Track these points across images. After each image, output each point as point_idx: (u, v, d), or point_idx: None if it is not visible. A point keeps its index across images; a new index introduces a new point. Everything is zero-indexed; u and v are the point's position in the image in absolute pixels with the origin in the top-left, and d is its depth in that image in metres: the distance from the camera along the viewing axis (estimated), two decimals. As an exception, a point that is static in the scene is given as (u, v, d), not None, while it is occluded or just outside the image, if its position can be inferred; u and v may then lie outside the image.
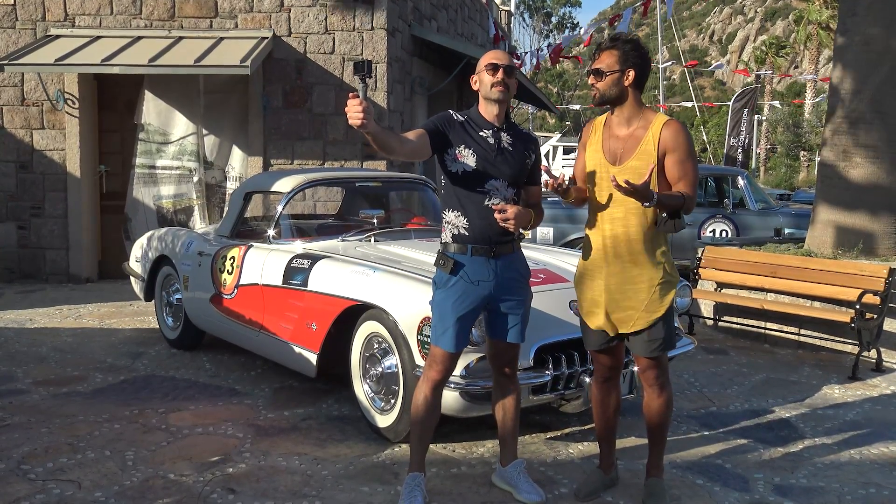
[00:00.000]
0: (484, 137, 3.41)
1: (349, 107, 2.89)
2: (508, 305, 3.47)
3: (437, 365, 3.43)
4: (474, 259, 3.39)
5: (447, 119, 3.44)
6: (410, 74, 10.59)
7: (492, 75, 3.39)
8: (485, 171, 3.38)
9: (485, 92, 3.43)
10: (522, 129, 3.60)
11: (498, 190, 3.41)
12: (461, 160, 3.37)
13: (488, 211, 3.37)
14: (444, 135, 3.37)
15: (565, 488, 3.75)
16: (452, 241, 3.43)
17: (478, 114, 3.47)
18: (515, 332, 3.51)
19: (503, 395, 3.63)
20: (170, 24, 9.51)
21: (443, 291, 3.42)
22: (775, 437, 4.51)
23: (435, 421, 3.56)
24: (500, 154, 3.41)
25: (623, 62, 3.30)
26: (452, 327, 3.37)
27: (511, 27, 25.29)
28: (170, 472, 3.88)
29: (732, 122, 18.89)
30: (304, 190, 6.25)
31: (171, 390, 5.24)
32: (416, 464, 3.53)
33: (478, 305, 3.43)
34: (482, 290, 3.41)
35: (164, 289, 6.52)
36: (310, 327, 4.64)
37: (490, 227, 3.39)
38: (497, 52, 3.51)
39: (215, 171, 9.75)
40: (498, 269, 3.42)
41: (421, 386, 3.49)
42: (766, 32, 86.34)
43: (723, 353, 6.46)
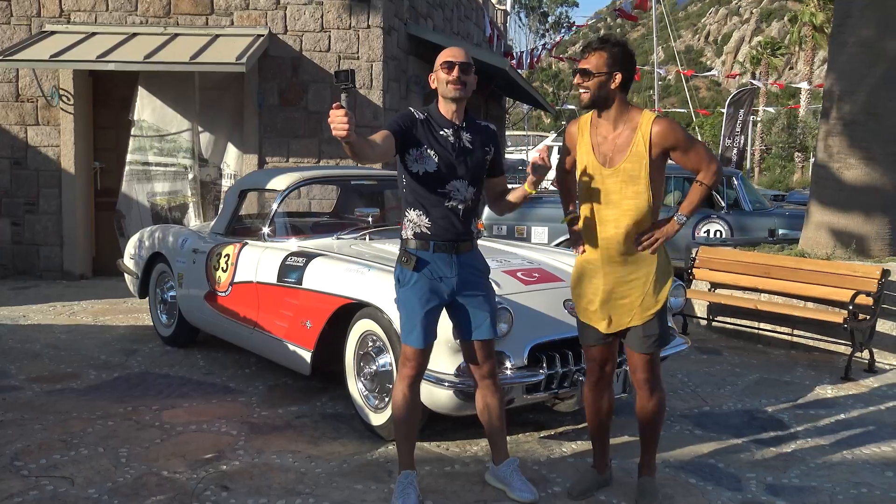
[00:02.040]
0: (445, 137, 3.40)
1: (333, 117, 2.87)
2: (473, 302, 3.49)
3: (410, 362, 3.45)
4: (436, 256, 3.42)
5: (409, 118, 3.41)
6: (406, 73, 10.59)
7: (448, 73, 3.37)
8: (446, 173, 3.38)
9: (442, 90, 3.42)
10: (481, 123, 3.58)
11: (458, 191, 3.42)
12: (423, 161, 3.36)
13: (448, 211, 3.40)
14: (407, 133, 3.36)
15: (559, 487, 3.76)
16: (414, 237, 3.45)
17: (438, 112, 3.46)
18: (485, 328, 3.51)
19: (485, 395, 3.62)
20: (165, 20, 9.50)
21: (407, 289, 3.43)
22: (768, 436, 4.52)
23: (418, 417, 3.57)
24: (461, 154, 3.42)
25: (611, 65, 3.28)
26: (420, 324, 3.39)
27: (507, 26, 25.29)
28: (163, 469, 3.88)
29: (727, 123, 18.94)
30: (300, 188, 6.25)
31: (164, 387, 5.23)
32: (406, 462, 3.54)
33: (441, 301, 3.46)
34: (445, 286, 3.44)
35: (158, 286, 6.51)
36: (304, 325, 4.64)
37: (451, 227, 3.41)
38: (454, 49, 3.47)
39: (210, 168, 9.75)
40: (459, 266, 3.44)
41: (398, 385, 3.51)
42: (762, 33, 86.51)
43: (716, 353, 6.48)
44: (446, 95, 3.41)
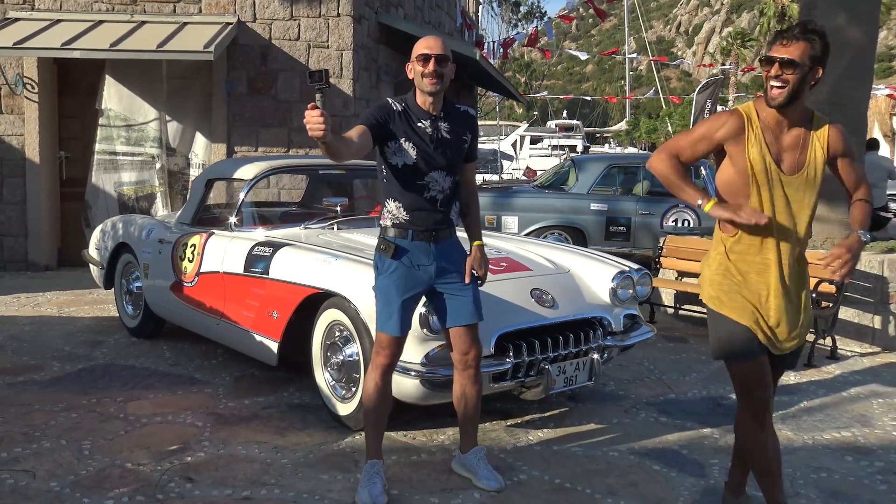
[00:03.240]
0: (423, 128, 3.37)
1: (308, 118, 2.83)
2: (453, 287, 3.49)
3: (385, 350, 3.45)
4: (415, 244, 3.41)
5: (387, 110, 3.37)
6: (377, 62, 10.55)
7: (423, 66, 3.32)
8: (424, 165, 3.36)
9: (418, 83, 3.37)
10: (460, 109, 3.53)
11: (437, 181, 3.41)
12: (401, 153, 3.35)
13: (426, 202, 3.39)
14: (384, 127, 3.32)
15: (524, 475, 3.78)
16: (392, 226, 3.44)
17: (415, 102, 3.41)
18: (469, 312, 3.51)
19: (465, 385, 3.62)
20: (132, 8, 9.37)
21: (385, 277, 3.43)
22: (731, 423, 4.55)
23: (388, 407, 3.57)
24: (439, 146, 3.39)
25: (814, 59, 2.83)
26: (397, 312, 3.38)
27: (479, 16, 25.26)
28: (127, 461, 3.85)
29: (696, 113, 19.04)
30: (268, 177, 6.22)
31: (130, 379, 5.19)
32: (373, 451, 3.54)
33: (419, 290, 3.46)
34: (423, 274, 3.43)
35: (123, 277, 6.45)
36: (271, 315, 4.62)
37: (430, 216, 3.41)
38: (430, 39, 3.41)
39: (178, 157, 9.65)
40: (437, 253, 3.44)
41: (370, 373, 3.50)
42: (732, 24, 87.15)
43: (683, 341, 6.54)
44: (423, 89, 3.37)
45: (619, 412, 4.71)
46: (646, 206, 9.56)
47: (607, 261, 4.85)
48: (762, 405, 3.04)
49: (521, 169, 29.31)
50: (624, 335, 4.57)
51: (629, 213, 9.56)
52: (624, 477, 3.78)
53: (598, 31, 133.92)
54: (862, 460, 4.08)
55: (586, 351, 4.31)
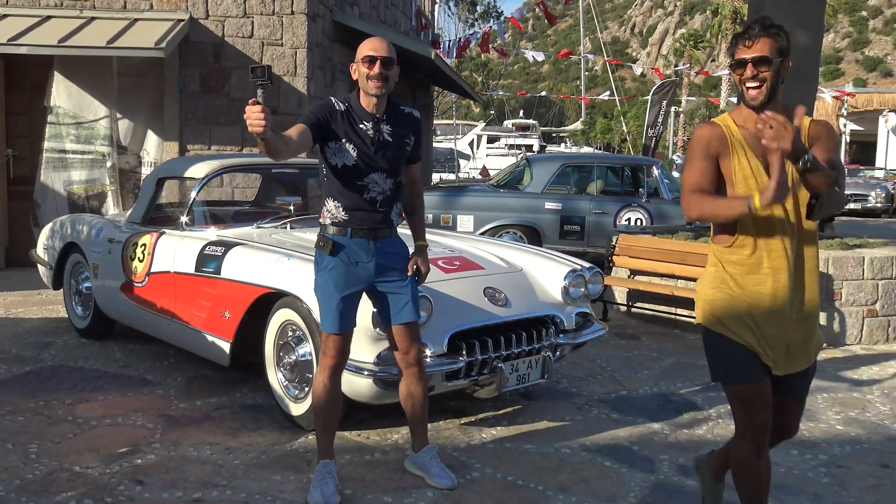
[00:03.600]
0: (364, 130, 3.37)
1: (249, 113, 2.80)
2: (393, 286, 3.50)
3: (329, 350, 3.45)
4: (354, 241, 3.42)
5: (329, 109, 3.36)
6: (331, 60, 10.50)
7: (369, 68, 3.31)
8: (364, 166, 3.36)
9: (362, 85, 3.36)
10: (405, 110, 3.53)
11: (376, 183, 3.42)
12: (341, 154, 3.34)
13: (365, 202, 3.40)
14: (326, 127, 3.32)
15: (477, 472, 3.81)
16: (332, 224, 3.45)
17: (358, 103, 3.40)
18: (408, 310, 3.52)
19: (410, 383, 3.64)
20: (81, 3, 9.21)
21: (324, 275, 3.44)
22: (681, 418, 4.66)
23: (338, 407, 3.57)
24: (380, 148, 3.39)
25: (781, 52, 2.69)
26: (336, 308, 3.38)
27: (435, 15, 25.28)
28: (75, 464, 3.79)
29: (651, 114, 19.31)
30: (221, 176, 6.16)
31: (79, 381, 5.11)
32: (325, 451, 3.54)
33: (359, 287, 3.46)
34: (362, 271, 3.44)
35: (73, 277, 6.34)
36: (223, 315, 4.58)
37: (369, 217, 3.42)
38: (375, 41, 3.39)
39: (129, 156, 9.49)
40: (376, 251, 3.45)
41: (318, 374, 3.50)
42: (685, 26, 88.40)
43: (635, 338, 6.62)
44: (367, 91, 3.35)
45: (572, 409, 4.76)
46: (599, 205, 9.66)
47: (559, 259, 4.90)
48: (761, 431, 2.82)
49: (479, 168, 29.42)
50: (576, 333, 4.62)
51: (583, 212, 9.66)
52: (575, 473, 3.82)
53: (554, 32, 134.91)
54: (807, 454, 4.17)
55: (539, 349, 4.35)
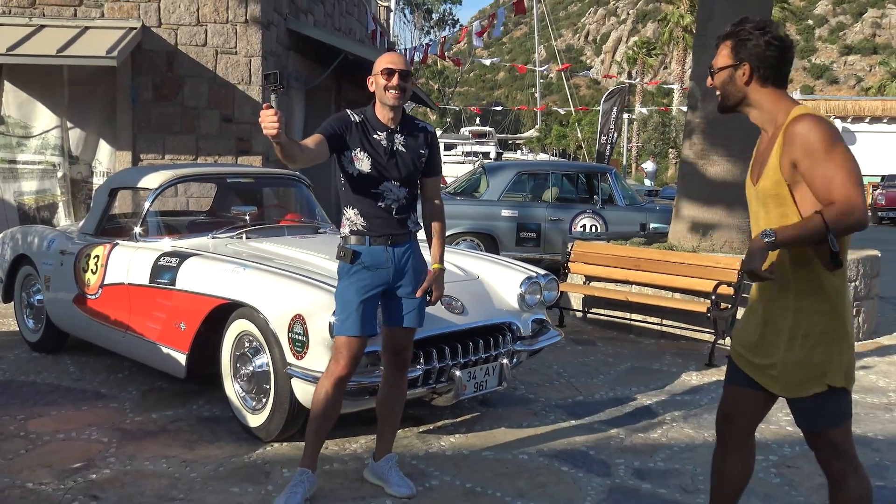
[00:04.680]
0: (378, 140, 3.45)
1: (264, 117, 2.89)
2: (406, 291, 3.54)
3: (342, 357, 3.43)
4: (373, 248, 3.46)
5: (344, 121, 3.44)
6: (287, 69, 10.46)
7: (387, 80, 3.40)
8: (378, 174, 3.43)
9: (380, 96, 3.45)
10: (419, 124, 3.62)
11: (391, 191, 3.47)
12: (357, 163, 3.41)
13: (381, 210, 3.46)
14: (341, 137, 3.39)
15: (436, 480, 3.83)
16: (351, 234, 3.48)
17: (373, 115, 3.49)
18: (412, 316, 3.56)
19: (391, 388, 3.66)
20: (30, 11, 9.08)
21: (345, 280, 3.47)
22: (637, 423, 4.73)
23: (334, 417, 3.56)
24: (393, 157, 3.46)
25: (736, 53, 2.61)
26: (356, 311, 3.40)
27: (391, 23, 25.32)
28: (28, 480, 3.73)
29: (603, 121, 19.55)
30: (176, 186, 6.10)
31: (31, 395, 5.02)
32: (309, 459, 3.54)
33: (379, 290, 3.49)
34: (382, 275, 3.47)
35: (24, 289, 6.23)
36: (178, 327, 4.54)
37: (386, 224, 3.47)
38: (393, 55, 3.52)
39: (81, 165, 9.37)
40: (396, 256, 3.49)
41: (323, 381, 3.48)
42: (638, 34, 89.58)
43: (591, 343, 6.71)
44: (385, 102, 3.43)
45: (529, 415, 4.81)
46: (555, 212, 9.76)
47: (515, 267, 4.95)
48: (719, 433, 2.87)
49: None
50: (532, 339, 4.67)
51: (539, 219, 9.75)
52: (533, 479, 3.86)
53: (510, 40, 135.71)
54: (758, 455, 4.23)
55: (496, 356, 4.39)
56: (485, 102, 58.60)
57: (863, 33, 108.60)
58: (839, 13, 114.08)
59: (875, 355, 6.53)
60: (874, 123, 30.64)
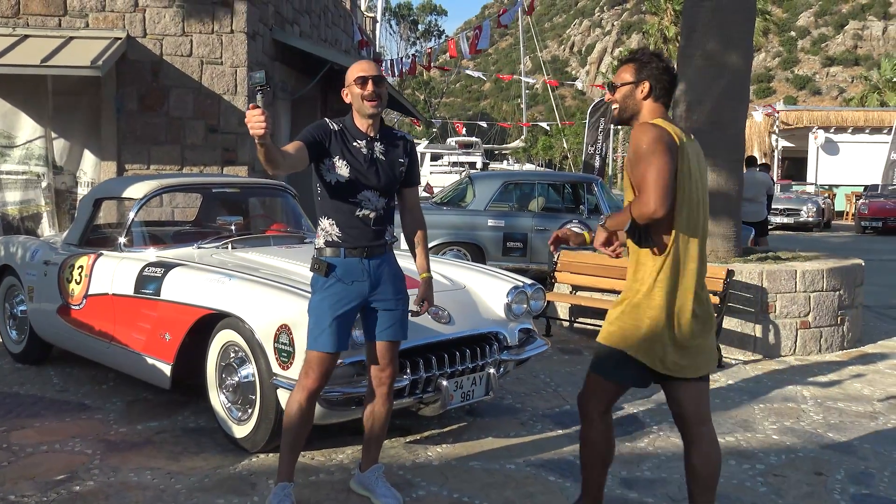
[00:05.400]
0: (357, 148, 3.43)
1: (250, 117, 2.87)
2: (385, 304, 3.51)
3: (314, 371, 3.41)
4: (348, 260, 3.43)
5: (324, 129, 3.42)
6: (272, 79, 10.45)
7: (362, 88, 3.39)
8: (357, 182, 3.41)
9: (357, 106, 3.44)
10: (398, 133, 3.61)
11: (369, 200, 3.45)
12: (336, 171, 3.39)
13: (358, 220, 3.43)
14: (321, 145, 3.37)
15: (423, 490, 3.81)
16: (325, 245, 3.46)
17: (352, 124, 3.48)
18: (395, 328, 3.54)
19: (376, 403, 3.63)
20: (14, 21, 9.04)
21: (319, 294, 3.44)
22: (624, 432, 4.73)
23: (307, 430, 3.54)
24: (372, 165, 3.45)
25: (638, 74, 3.09)
26: (329, 327, 3.37)
27: (377, 33, 25.36)
28: (10, 493, 3.69)
29: (590, 132, 19.62)
30: (160, 196, 6.08)
31: (14, 407, 4.97)
32: (285, 473, 3.51)
33: (355, 305, 3.45)
34: (357, 289, 3.44)
35: (6, 300, 6.18)
36: (163, 338, 4.52)
37: (362, 235, 3.44)
38: (364, 62, 3.49)
39: (65, 176, 9.31)
40: (371, 269, 3.46)
41: (295, 394, 3.46)
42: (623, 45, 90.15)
43: (577, 353, 6.71)
44: (363, 112, 3.42)
45: (517, 425, 4.80)
46: (541, 222, 9.78)
47: (502, 276, 4.95)
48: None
49: (423, 185, 29.51)
50: (519, 349, 4.67)
51: (525, 228, 9.76)
52: (520, 489, 3.85)
53: (495, 51, 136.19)
54: (744, 463, 4.28)
55: (483, 366, 4.38)
56: (471, 113, 58.73)
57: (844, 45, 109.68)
58: (821, 25, 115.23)
59: (860, 364, 6.57)
60: (857, 134, 30.88)
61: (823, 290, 6.87)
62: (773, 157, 31.65)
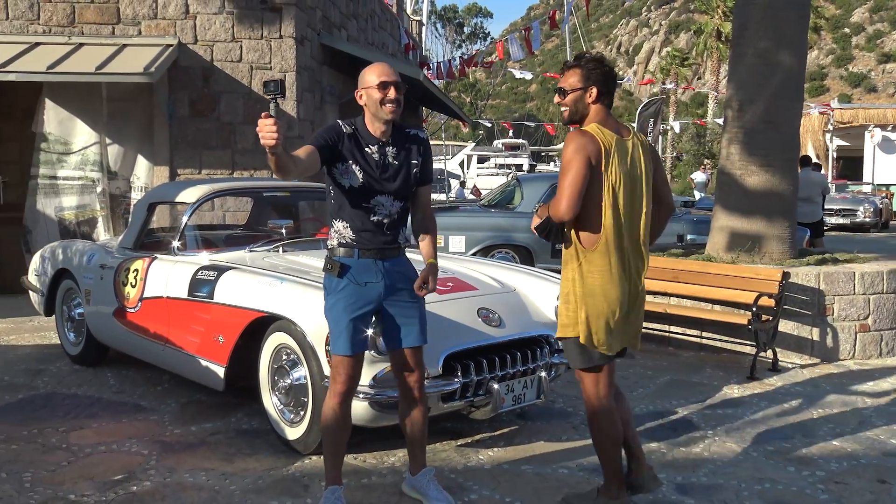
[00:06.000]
0: (370, 154, 3.39)
1: (262, 126, 2.85)
2: (401, 308, 3.48)
3: (339, 375, 3.41)
4: (361, 262, 3.41)
5: (336, 132, 3.38)
6: (320, 83, 10.54)
7: (383, 93, 3.33)
8: (370, 188, 3.38)
9: (374, 110, 3.37)
10: (411, 132, 3.55)
11: (383, 206, 3.43)
12: (349, 175, 3.36)
13: (373, 224, 3.41)
14: (333, 149, 3.33)
15: (475, 494, 3.79)
16: (339, 246, 3.44)
17: (364, 128, 3.43)
18: (414, 335, 3.51)
19: (409, 406, 3.61)
20: (69, 30, 9.24)
21: (333, 296, 3.42)
22: (678, 437, 4.65)
23: (347, 433, 3.54)
24: (385, 170, 3.40)
25: (585, 80, 3.33)
26: (346, 330, 3.36)
27: (423, 37, 25.42)
28: (70, 492, 3.76)
29: (639, 131, 19.44)
30: (212, 200, 6.15)
31: (72, 408, 5.07)
32: (333, 478, 3.51)
33: (370, 308, 3.44)
34: (371, 291, 3.42)
35: (65, 303, 6.31)
36: (217, 340, 4.57)
37: (375, 239, 3.42)
38: (385, 66, 3.41)
39: (120, 181, 9.49)
40: (385, 270, 3.44)
41: (328, 399, 3.47)
42: (671, 45, 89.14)
43: (629, 356, 6.61)
44: (381, 116, 3.37)
45: (568, 429, 4.75)
46: (590, 224, 9.67)
47: (552, 279, 4.91)
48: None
49: (469, 188, 29.53)
50: (571, 352, 4.61)
51: (574, 230, 9.66)
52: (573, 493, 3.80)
53: (542, 52, 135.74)
54: (804, 470, 4.18)
55: (534, 369, 4.35)
56: (517, 115, 58.56)
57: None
58: (876, 21, 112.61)
59: (922, 368, 6.38)
60: (915, 131, 30.09)
61: (884, 293, 6.69)
62: (827, 156, 30.99)
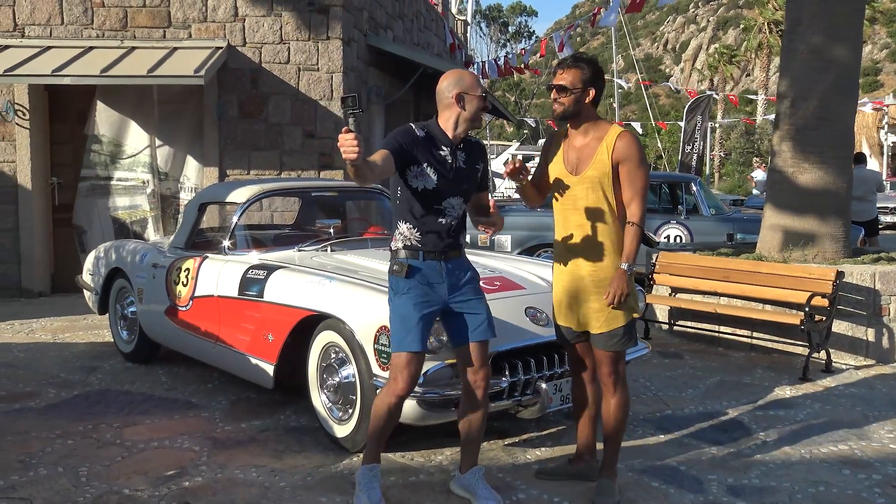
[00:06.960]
0: (443, 156, 3.46)
1: (343, 141, 2.92)
2: (466, 305, 3.51)
3: (402, 374, 3.41)
4: (426, 263, 3.45)
5: (410, 135, 3.43)
6: (367, 84, 10.60)
7: (483, 103, 3.47)
8: (444, 190, 3.44)
9: (468, 115, 3.46)
10: (472, 139, 3.64)
11: (453, 207, 3.49)
12: (423, 178, 3.41)
13: (441, 226, 3.46)
14: (408, 152, 3.39)
15: (523, 493, 3.78)
16: (403, 248, 3.48)
17: (438, 129, 3.49)
18: (484, 328, 3.53)
19: (472, 405, 3.61)
20: (122, 34, 9.41)
21: (401, 297, 3.45)
22: (729, 438, 4.59)
23: (394, 425, 3.58)
24: (458, 173, 3.48)
25: (585, 81, 3.52)
26: (417, 325, 3.39)
27: (468, 36, 25.42)
28: (125, 487, 3.83)
29: (687, 130, 19.20)
30: (261, 200, 6.22)
31: (126, 404, 5.17)
32: (372, 456, 3.56)
33: (436, 309, 3.48)
34: (437, 292, 3.46)
35: (118, 301, 6.44)
36: (266, 338, 4.62)
37: (440, 240, 3.46)
38: (476, 77, 3.60)
39: (170, 182, 9.66)
40: (448, 272, 3.48)
41: (385, 396, 3.48)
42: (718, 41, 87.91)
43: (678, 356, 6.55)
44: (475, 123, 3.50)
45: (616, 429, 4.70)
46: (638, 223, 9.58)
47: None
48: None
49: (512, 187, 29.45)
50: (619, 352, 4.57)
51: (621, 229, 9.58)
52: (623, 494, 3.77)
53: (588, 50, 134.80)
54: (859, 473, 4.09)
55: (562, 374, 4.30)
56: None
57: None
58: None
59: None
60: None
61: (941, 292, 6.52)
62: (882, 152, 30.28)
